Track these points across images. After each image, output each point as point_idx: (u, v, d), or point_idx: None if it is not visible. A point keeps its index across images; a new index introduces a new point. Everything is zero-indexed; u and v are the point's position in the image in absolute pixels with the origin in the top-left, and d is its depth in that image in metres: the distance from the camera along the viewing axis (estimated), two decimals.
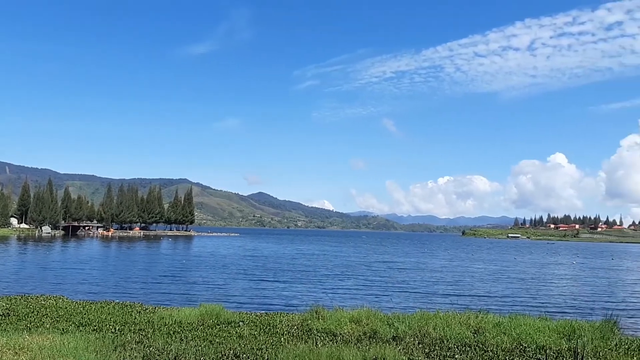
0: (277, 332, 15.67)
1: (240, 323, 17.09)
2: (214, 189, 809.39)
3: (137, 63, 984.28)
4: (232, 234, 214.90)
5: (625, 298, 38.58)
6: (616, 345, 15.09)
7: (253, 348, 13.08)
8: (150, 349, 12.61)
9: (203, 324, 16.58)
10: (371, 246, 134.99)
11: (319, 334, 15.16)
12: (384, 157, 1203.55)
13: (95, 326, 15.81)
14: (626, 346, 15.08)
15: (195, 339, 14.18)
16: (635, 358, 13.53)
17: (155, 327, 15.90)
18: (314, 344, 13.55)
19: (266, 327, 16.36)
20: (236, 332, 15.48)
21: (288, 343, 13.77)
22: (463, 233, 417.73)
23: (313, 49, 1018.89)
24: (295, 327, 16.42)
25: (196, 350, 12.56)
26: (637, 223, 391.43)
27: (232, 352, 12.55)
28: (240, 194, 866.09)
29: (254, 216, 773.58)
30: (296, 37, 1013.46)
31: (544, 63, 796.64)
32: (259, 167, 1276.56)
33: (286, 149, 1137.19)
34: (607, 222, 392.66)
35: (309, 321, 16.66)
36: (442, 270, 59.40)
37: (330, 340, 14.29)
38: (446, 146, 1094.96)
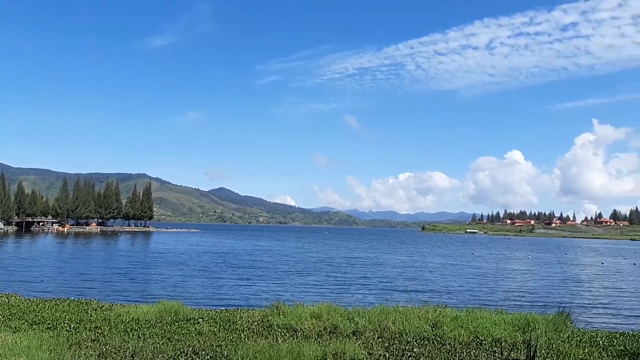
0: (237, 328, 15.53)
1: (200, 320, 16.87)
2: (174, 184, 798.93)
3: (95, 54, 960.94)
4: (192, 230, 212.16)
5: (578, 291, 39.90)
6: (568, 337, 15.59)
7: (212, 345, 12.94)
8: (107, 346, 12.33)
9: (161, 321, 16.29)
10: (332, 242, 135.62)
11: (279, 330, 15.11)
12: (346, 153, 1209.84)
13: (49, 324, 15.35)
14: (578, 338, 15.61)
15: (153, 336, 13.92)
16: (586, 349, 13.99)
17: (112, 324, 15.55)
18: (274, 339, 13.50)
19: (226, 324, 16.20)
20: (195, 329, 15.28)
21: (248, 339, 13.67)
22: (423, 228, 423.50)
23: (276, 43, 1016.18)
24: (255, 323, 16.32)
25: (154, 347, 12.34)
26: (589, 219, 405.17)
27: (190, 349, 12.39)
28: (201, 189, 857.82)
29: (214, 212, 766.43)
30: (259, 31, 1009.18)
31: (502, 62, 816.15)
32: (220, 162, 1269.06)
33: (248, 144, 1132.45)
34: (561, 218, 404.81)
35: (270, 317, 16.59)
36: (402, 265, 60.17)
37: (291, 336, 14.26)
38: (407, 143, 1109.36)
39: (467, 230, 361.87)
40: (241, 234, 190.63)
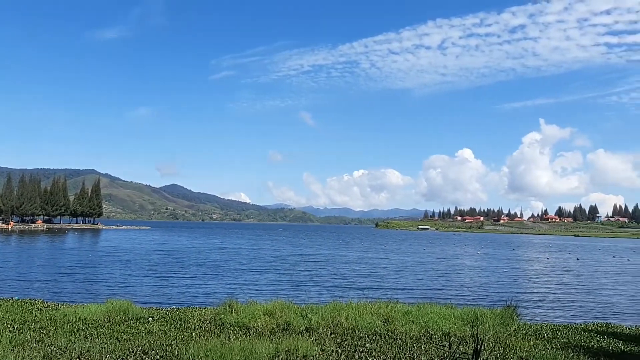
0: (189, 327, 15.30)
1: (150, 319, 16.54)
2: (124, 181, 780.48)
3: (43, 46, 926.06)
4: (143, 227, 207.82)
5: (525, 286, 41.22)
6: (515, 330, 16.11)
7: (162, 344, 12.70)
8: (52, 347, 11.92)
9: (109, 321, 15.88)
10: (287, 239, 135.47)
11: (231, 328, 14.98)
12: (302, 150, 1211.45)
13: None
14: (524, 331, 16.17)
15: (101, 336, 13.55)
16: (531, 342, 14.47)
17: (58, 324, 15.05)
18: (226, 338, 13.38)
19: (177, 323, 15.94)
20: (145, 328, 14.96)
21: (199, 338, 13.49)
22: (376, 225, 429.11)
23: (230, 38, 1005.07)
24: (207, 321, 16.12)
25: (102, 347, 12.02)
26: (535, 215, 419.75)
27: (140, 348, 12.12)
28: (152, 185, 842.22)
29: (166, 209, 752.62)
30: (213, 25, 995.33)
31: (453, 62, 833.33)
32: (173, 159, 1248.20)
33: (201, 140, 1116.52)
34: (509, 215, 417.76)
35: (222, 315, 16.42)
36: (356, 262, 60.70)
37: (244, 334, 14.16)
38: (362, 140, 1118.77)
39: (419, 227, 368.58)
40: (194, 231, 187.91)
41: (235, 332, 14.43)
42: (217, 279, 38.17)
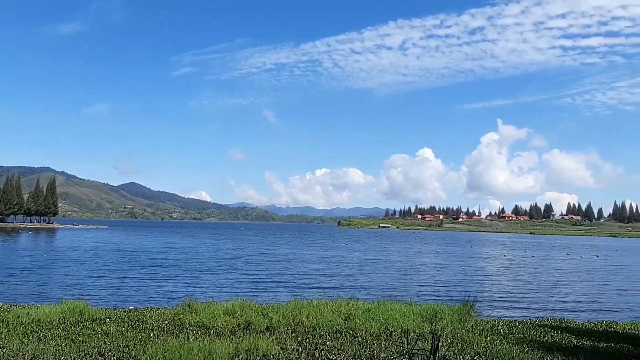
0: (147, 327, 15.02)
1: (107, 320, 16.17)
2: (81, 179, 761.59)
3: None
4: (101, 227, 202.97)
5: (482, 283, 42.15)
6: (472, 326, 16.42)
7: (120, 345, 12.43)
8: (4, 350, 11.50)
9: (65, 322, 15.45)
10: (249, 238, 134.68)
11: (191, 328, 14.79)
12: (264, 148, 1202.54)
13: None
14: (481, 327, 16.50)
15: (55, 337, 13.17)
16: (488, 338, 14.80)
17: (10, 326, 14.55)
18: (186, 338, 13.19)
19: (134, 323, 15.63)
20: (101, 330, 14.62)
21: (158, 338, 13.26)
22: (339, 223, 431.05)
23: (191, 35, 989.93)
24: (166, 321, 15.86)
25: (56, 349, 11.67)
26: (493, 214, 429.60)
27: (96, 350, 11.83)
28: (110, 184, 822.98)
29: (124, 207, 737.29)
30: (173, 21, 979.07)
31: (414, 63, 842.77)
32: (131, 156, 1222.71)
33: (161, 138, 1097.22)
34: (467, 213, 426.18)
35: (181, 315, 16.18)
36: (318, 260, 60.86)
37: (203, 334, 14.00)
38: (324, 139, 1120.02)
39: (381, 225, 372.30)
40: (153, 230, 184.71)
41: (194, 332, 14.25)
42: (177, 279, 37.65)
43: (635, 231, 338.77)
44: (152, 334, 14.03)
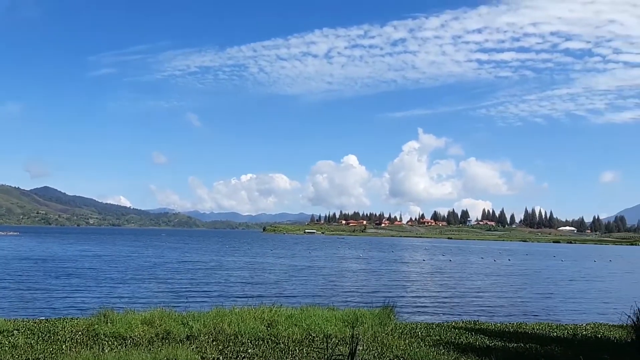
0: (59, 339, 14.24)
1: (15, 331, 15.19)
2: None
3: None
4: (10, 233, 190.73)
5: (403, 287, 43.27)
6: (392, 330, 16.83)
7: (29, 358, 11.76)
8: None
9: None
10: (170, 245, 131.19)
11: (106, 339, 14.18)
12: (188, 153, 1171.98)
13: None
14: (400, 330, 16.95)
15: None
16: (407, 340, 15.23)
17: None
18: (100, 349, 12.66)
19: (45, 335, 14.78)
20: (9, 342, 13.70)
21: (70, 350, 12.63)
22: (264, 229, 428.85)
23: (111, 34, 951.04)
24: (79, 332, 15.12)
25: None
26: (414, 219, 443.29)
27: None
28: (22, 188, 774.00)
29: (37, 213, 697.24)
30: (93, 19, 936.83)
31: (339, 71, 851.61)
32: (45, 159, 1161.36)
33: (78, 140, 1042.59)
34: (389, 219, 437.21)
35: (96, 325, 15.48)
36: (242, 267, 60.24)
37: (119, 345, 13.49)
38: (250, 144, 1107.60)
39: (306, 231, 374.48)
40: (67, 237, 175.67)
41: (110, 343, 13.69)
42: (92, 289, 35.96)
43: (544, 236, 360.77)
44: (64, 345, 13.34)
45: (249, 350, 13.09)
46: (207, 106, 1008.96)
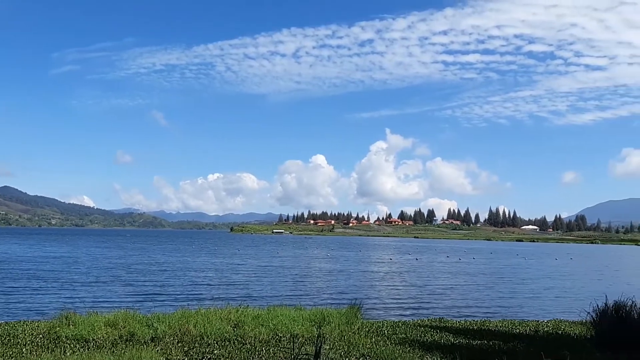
0: (18, 342, 13.89)
1: None
2: None
3: None
4: None
5: (370, 285, 43.58)
6: (358, 328, 16.97)
7: None
8: None
9: None
10: (135, 245, 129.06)
11: (68, 342, 13.90)
12: (153, 152, 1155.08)
13: None
14: (367, 329, 17.11)
15: None
16: (373, 339, 15.37)
17: None
18: (62, 352, 12.41)
19: (4, 338, 14.39)
20: None
21: (31, 354, 12.36)
22: (231, 229, 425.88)
23: (75, 31, 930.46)
24: (40, 335, 14.77)
25: None
26: (381, 219, 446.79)
27: None
28: None
29: None
30: (56, 15, 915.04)
31: (307, 71, 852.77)
32: (5, 158, 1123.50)
33: (40, 139, 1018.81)
34: (357, 218, 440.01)
35: (58, 328, 15.15)
36: (208, 268, 59.70)
37: (82, 347, 13.23)
38: (217, 143, 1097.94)
39: (274, 231, 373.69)
40: (28, 238, 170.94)
41: (72, 346, 13.42)
42: (54, 291, 35.03)
43: (507, 235, 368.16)
44: (24, 349, 13.04)
45: (215, 351, 13.01)
46: (173, 105, 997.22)
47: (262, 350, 13.33)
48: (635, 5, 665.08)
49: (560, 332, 18.58)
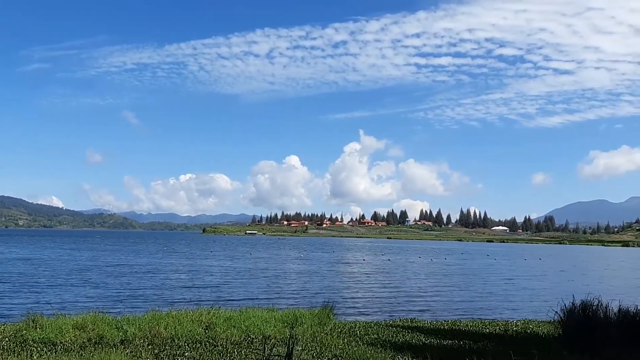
0: None
1: None
2: None
3: None
4: None
5: (343, 286, 43.71)
6: (331, 329, 17.01)
7: None
8: None
9: None
10: (104, 247, 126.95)
11: (35, 345, 13.61)
12: (124, 151, 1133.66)
13: None
14: (339, 330, 17.16)
15: None
16: (345, 340, 15.43)
17: None
18: (28, 356, 12.16)
19: None
20: None
21: None
22: (204, 230, 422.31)
23: (44, 28, 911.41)
24: (6, 339, 14.41)
25: None
26: (354, 220, 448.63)
27: None
28: None
29: None
30: (24, 12, 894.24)
31: (281, 71, 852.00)
32: None
33: (6, 138, 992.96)
34: (331, 219, 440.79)
35: (24, 331, 14.81)
36: (180, 269, 59.10)
37: (49, 350, 12.98)
38: (189, 143, 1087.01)
39: (247, 232, 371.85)
40: None
41: (39, 349, 13.15)
42: (20, 294, 34.20)
43: (478, 235, 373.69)
44: None
45: (186, 354, 12.90)
46: (144, 104, 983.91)
47: (234, 351, 13.27)
48: (602, 11, 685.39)
49: (529, 331, 18.94)
